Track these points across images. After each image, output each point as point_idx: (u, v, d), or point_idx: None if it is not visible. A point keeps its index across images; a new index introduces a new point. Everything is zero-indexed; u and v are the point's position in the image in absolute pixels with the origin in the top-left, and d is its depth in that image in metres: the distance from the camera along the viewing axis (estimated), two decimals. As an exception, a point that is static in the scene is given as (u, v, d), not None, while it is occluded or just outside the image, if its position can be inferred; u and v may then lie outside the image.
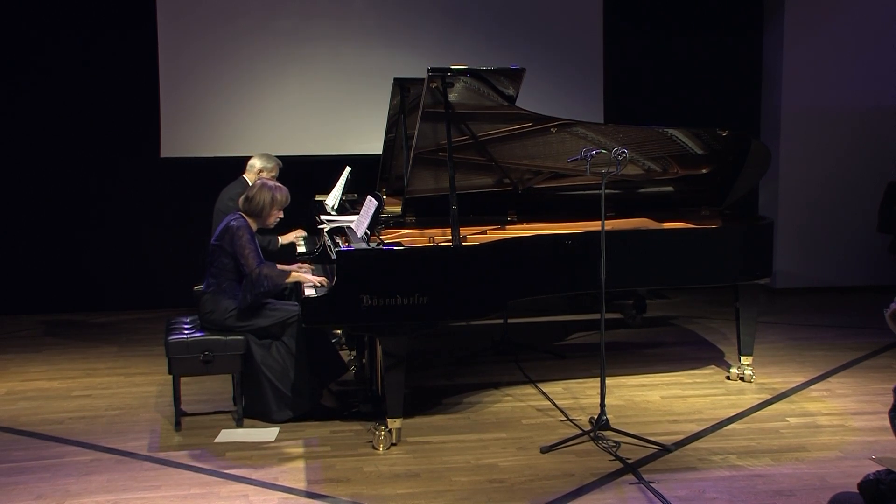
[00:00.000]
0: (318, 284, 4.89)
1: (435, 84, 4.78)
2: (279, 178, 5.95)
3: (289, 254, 5.90)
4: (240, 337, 4.83)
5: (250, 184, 5.55)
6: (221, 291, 4.89)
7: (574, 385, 5.56)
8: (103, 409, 5.24)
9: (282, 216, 5.08)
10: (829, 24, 8.08)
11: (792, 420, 4.93)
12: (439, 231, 5.29)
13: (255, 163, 5.97)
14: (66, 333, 7.06)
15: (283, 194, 5.02)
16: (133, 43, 7.55)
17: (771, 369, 5.84)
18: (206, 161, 7.43)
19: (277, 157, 6.17)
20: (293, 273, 5.00)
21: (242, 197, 5.03)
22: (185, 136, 7.60)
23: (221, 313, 4.86)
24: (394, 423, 4.57)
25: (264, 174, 5.88)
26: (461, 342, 6.58)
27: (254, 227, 4.96)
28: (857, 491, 2.89)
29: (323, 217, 6.05)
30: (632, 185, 5.70)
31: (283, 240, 5.98)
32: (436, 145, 5.09)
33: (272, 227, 5.15)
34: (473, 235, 5.18)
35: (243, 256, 4.83)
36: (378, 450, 4.53)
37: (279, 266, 5.14)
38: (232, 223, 4.90)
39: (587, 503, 3.95)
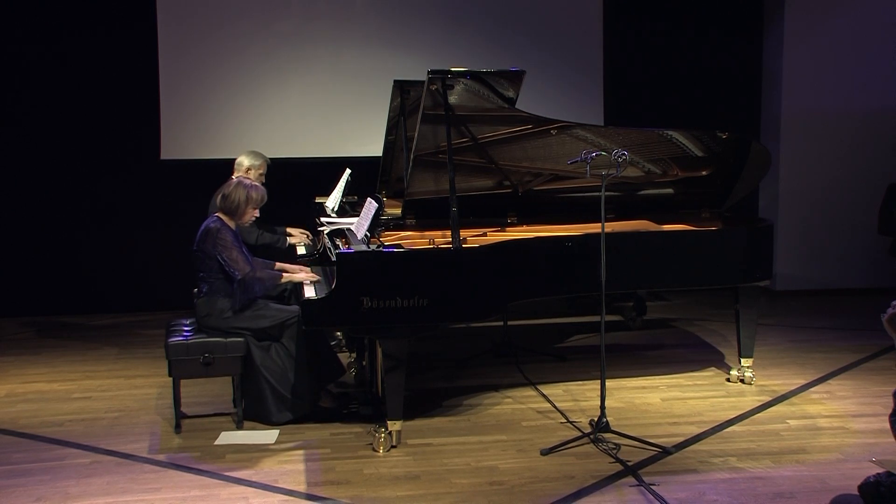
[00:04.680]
0: (309, 282, 4.91)
1: (435, 86, 4.77)
2: (268, 176, 5.95)
3: (289, 255, 5.90)
4: (240, 339, 4.83)
5: None
6: (215, 292, 4.89)
7: (574, 387, 5.56)
8: (103, 412, 5.24)
9: (257, 214, 5.07)
10: (829, 26, 8.08)
11: (792, 422, 4.93)
12: (439, 233, 5.29)
13: (243, 161, 5.94)
14: (66, 336, 7.06)
15: (258, 192, 5.01)
16: (133, 44, 7.55)
17: (771, 371, 5.84)
18: (207, 163, 7.43)
19: (277, 158, 6.16)
20: (285, 275, 5.01)
21: (220, 195, 5.02)
22: (185, 139, 7.61)
23: (218, 314, 4.86)
24: (394, 426, 4.57)
25: (252, 172, 5.86)
26: (461, 344, 6.57)
27: (232, 226, 4.95)
28: (857, 493, 2.89)
29: (323, 219, 6.05)
30: (632, 187, 5.70)
31: (292, 239, 5.97)
32: (436, 147, 5.09)
33: (247, 224, 5.15)
34: (473, 237, 5.17)
35: (231, 259, 4.82)
36: (378, 452, 4.53)
37: (278, 265, 5.15)
38: (210, 225, 4.89)
39: (587, 505, 3.96)
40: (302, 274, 5.09)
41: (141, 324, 7.35)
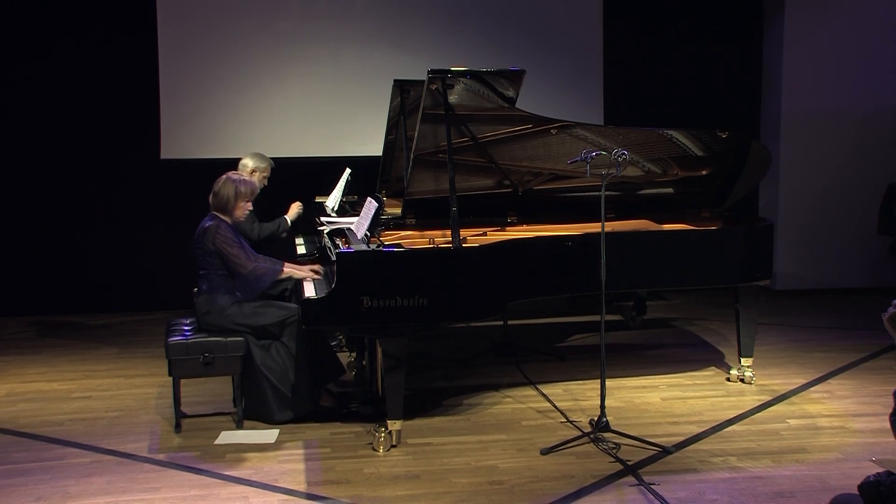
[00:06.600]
0: (311, 277, 4.92)
1: (435, 86, 4.77)
2: (272, 179, 5.98)
3: (289, 254, 5.90)
4: (240, 338, 4.83)
5: None
6: (214, 289, 4.89)
7: (574, 387, 5.56)
8: (103, 411, 5.24)
9: (251, 208, 5.07)
10: (829, 26, 8.08)
11: (792, 422, 4.93)
12: (439, 233, 5.29)
13: (248, 163, 5.93)
14: (66, 335, 7.06)
15: (246, 186, 5.02)
16: (133, 44, 7.56)
17: (771, 371, 5.84)
18: (207, 163, 7.43)
19: (277, 158, 6.16)
20: (285, 269, 5.00)
21: (211, 193, 5.03)
22: (185, 138, 7.61)
23: (218, 311, 4.86)
24: (394, 425, 4.57)
25: (257, 174, 5.86)
26: (461, 344, 6.57)
27: (229, 222, 4.95)
28: (857, 493, 2.89)
29: (323, 219, 6.05)
30: (632, 186, 5.70)
31: (290, 216, 6.00)
32: (436, 147, 5.09)
33: (241, 219, 5.12)
34: (473, 237, 5.17)
35: (233, 255, 4.83)
36: (378, 451, 4.53)
37: (286, 264, 5.14)
38: (207, 224, 4.90)
39: (587, 505, 3.96)
40: (306, 271, 5.05)
41: (141, 323, 7.35)
